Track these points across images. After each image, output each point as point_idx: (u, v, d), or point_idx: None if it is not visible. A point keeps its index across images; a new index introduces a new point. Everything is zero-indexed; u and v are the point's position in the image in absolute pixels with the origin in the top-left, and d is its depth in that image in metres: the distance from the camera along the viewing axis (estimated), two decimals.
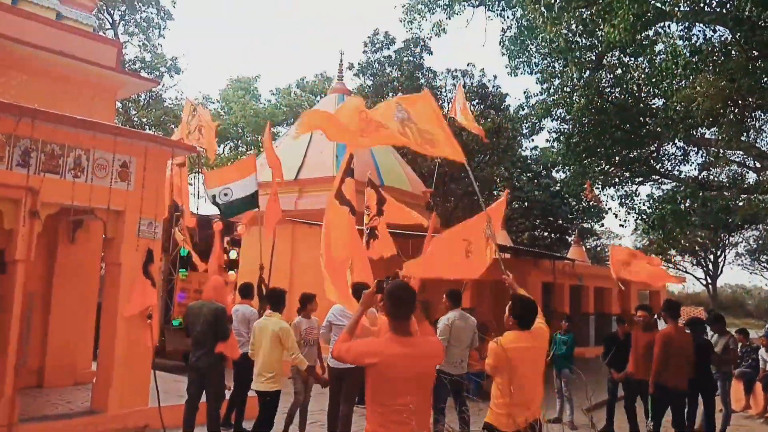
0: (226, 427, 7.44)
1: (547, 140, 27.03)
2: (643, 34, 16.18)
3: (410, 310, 3.26)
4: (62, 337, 8.70)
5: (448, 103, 22.15)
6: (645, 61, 18.56)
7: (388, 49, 21.65)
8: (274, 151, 9.23)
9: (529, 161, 32.20)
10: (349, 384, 6.87)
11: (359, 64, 21.92)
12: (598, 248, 51.44)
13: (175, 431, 6.74)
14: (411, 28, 20.59)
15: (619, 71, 19.92)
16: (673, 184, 19.06)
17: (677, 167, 21.29)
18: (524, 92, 24.04)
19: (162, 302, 12.24)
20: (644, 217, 18.44)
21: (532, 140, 36.67)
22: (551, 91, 20.25)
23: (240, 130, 27.52)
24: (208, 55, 68.06)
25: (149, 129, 20.96)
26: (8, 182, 6.22)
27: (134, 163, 7.21)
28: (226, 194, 8.59)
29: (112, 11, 21.79)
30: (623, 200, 19.66)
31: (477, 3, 19.46)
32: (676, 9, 13.62)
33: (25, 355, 8.31)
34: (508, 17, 18.85)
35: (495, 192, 33.69)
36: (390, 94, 21.72)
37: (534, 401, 3.96)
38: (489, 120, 22.34)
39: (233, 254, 13.60)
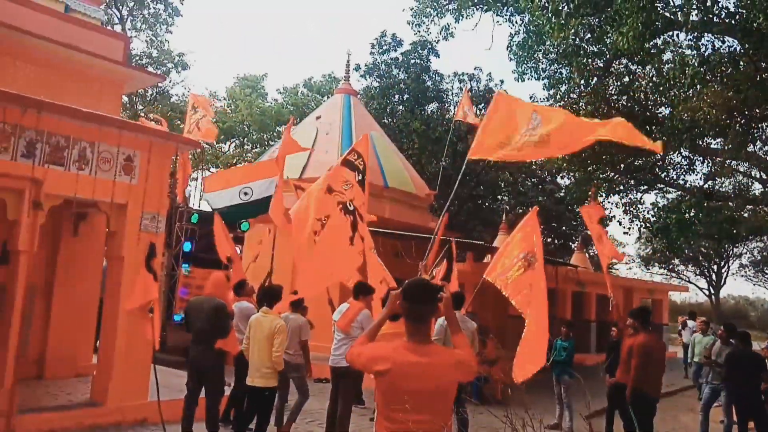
0: (225, 423, 7.43)
1: None
2: (651, 43, 16.17)
3: (429, 312, 2.82)
4: (63, 329, 8.71)
5: (454, 106, 22.14)
6: (653, 70, 18.52)
7: (395, 51, 21.68)
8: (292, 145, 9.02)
9: (534, 166, 32.17)
10: (347, 383, 6.88)
11: (366, 65, 21.98)
12: None
13: (173, 426, 6.75)
14: (419, 31, 20.67)
15: (627, 79, 19.91)
16: (678, 193, 19.01)
17: (683, 176, 21.25)
18: (530, 97, 24.06)
19: (164, 297, 12.26)
20: (648, 225, 18.38)
21: None
22: (558, 97, 20.23)
23: (246, 128, 27.58)
24: (215, 53, 68.21)
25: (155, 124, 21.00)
26: (12, 173, 6.24)
27: (138, 156, 7.23)
28: (246, 193, 8.38)
29: (120, 6, 21.85)
30: (627, 208, 19.61)
31: (485, 8, 19.50)
32: (686, 18, 13.60)
33: (25, 345, 8.39)
34: (516, 22, 18.86)
35: (499, 197, 33.70)
36: (396, 96, 21.72)
37: None
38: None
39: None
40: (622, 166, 21.26)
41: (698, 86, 14.14)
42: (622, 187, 22.12)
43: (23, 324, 6.45)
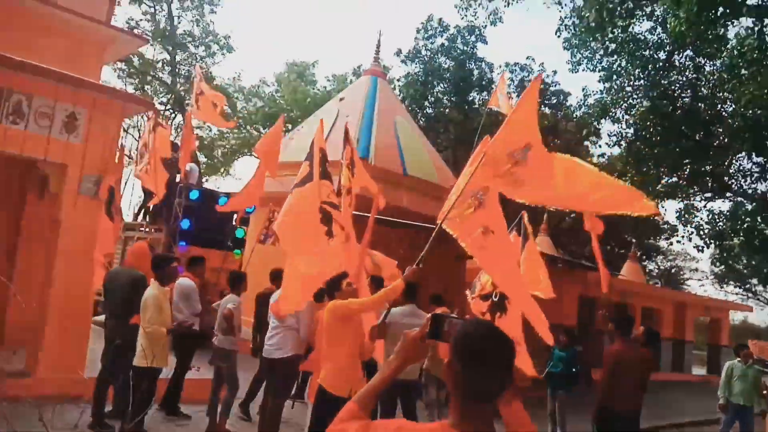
0: (163, 407, 6.89)
1: (607, 144, 25.13)
2: (715, 31, 14.51)
3: (502, 384, 1.63)
4: (25, 295, 8.39)
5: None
6: (720, 63, 16.74)
7: (442, 36, 20.68)
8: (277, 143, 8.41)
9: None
10: (280, 376, 6.14)
11: (409, 51, 21.07)
12: (673, 270, 48.48)
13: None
14: (466, 15, 19.65)
15: (693, 75, 18.15)
16: (739, 200, 17.16)
17: (753, 185, 19.20)
18: (582, 89, 22.50)
19: None
20: (701, 233, 16.65)
21: (599, 146, 34.67)
22: (612, 90, 18.71)
23: (291, 115, 27.33)
24: (268, 39, 68.51)
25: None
26: None
27: (84, 114, 6.74)
28: None
29: None
30: (681, 214, 17.88)
31: None
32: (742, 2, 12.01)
33: None
34: (565, 4, 17.51)
35: None
36: (436, 83, 20.73)
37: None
38: (545, 120, 20.97)
39: (240, 233, 13.14)
40: (687, 170, 19.52)
41: (759, 77, 12.45)
42: (684, 195, 20.36)
43: None
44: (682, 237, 18.26)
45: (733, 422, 8.90)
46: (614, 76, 18.46)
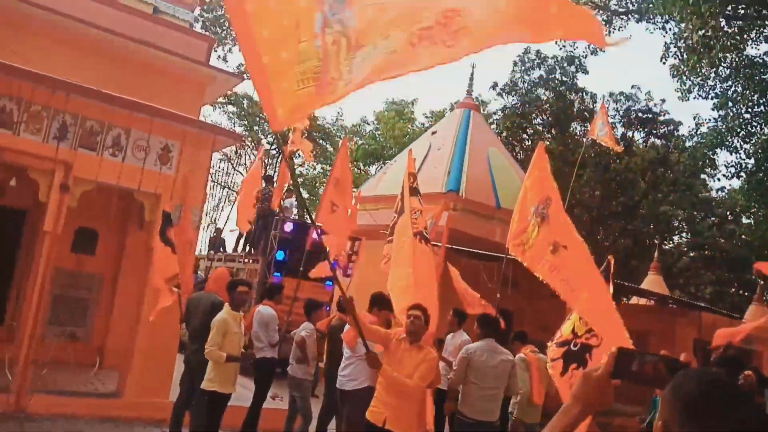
0: None
1: (725, 175, 23.26)
2: None
3: None
4: (125, 319, 8.83)
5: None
6: None
7: (540, 68, 20.24)
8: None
9: (714, 203, 28.32)
10: (353, 407, 5.96)
11: (506, 83, 20.75)
12: None
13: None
14: (564, 45, 19.13)
15: None
16: None
17: None
18: (694, 118, 21.11)
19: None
20: None
21: (717, 179, 32.17)
22: (728, 118, 17.37)
23: (390, 152, 27.71)
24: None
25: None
26: (41, 154, 6.36)
27: (177, 147, 7.08)
28: None
29: None
30: None
31: (638, 17, 17.43)
32: None
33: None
34: (670, 29, 16.58)
35: (674, 238, 30.04)
36: (535, 114, 20.22)
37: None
38: (655, 152, 19.85)
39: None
40: None
41: None
42: None
43: (41, 306, 6.47)
44: None
45: None
46: (729, 103, 17.19)
